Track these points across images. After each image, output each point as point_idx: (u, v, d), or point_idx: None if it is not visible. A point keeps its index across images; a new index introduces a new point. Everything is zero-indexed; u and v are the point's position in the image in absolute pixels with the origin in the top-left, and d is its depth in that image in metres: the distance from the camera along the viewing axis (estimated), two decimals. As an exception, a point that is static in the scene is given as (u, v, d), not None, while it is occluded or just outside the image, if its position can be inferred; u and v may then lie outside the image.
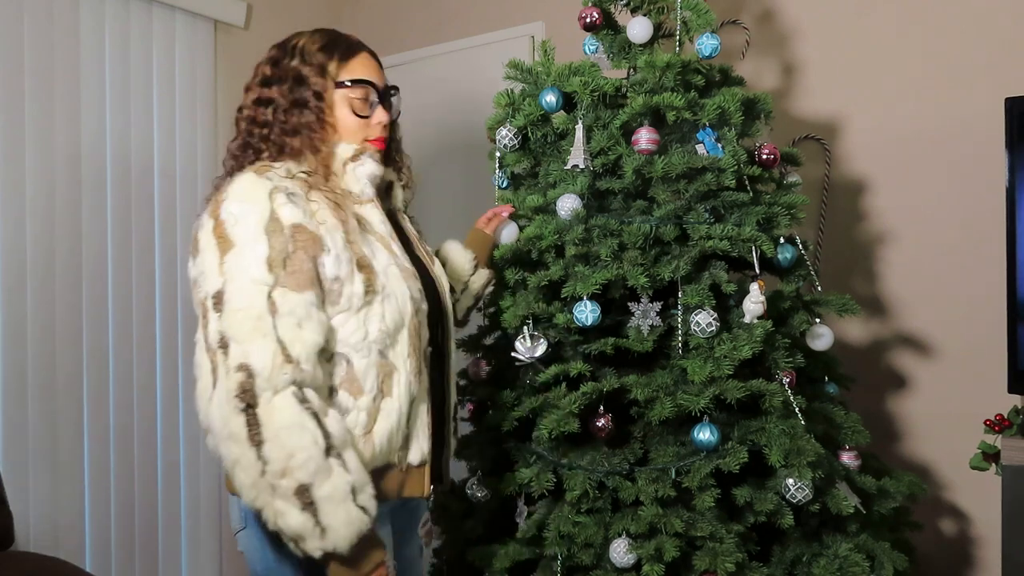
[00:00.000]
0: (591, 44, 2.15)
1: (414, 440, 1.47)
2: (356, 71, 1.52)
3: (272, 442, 1.25)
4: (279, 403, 1.27)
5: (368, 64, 1.55)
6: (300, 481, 1.25)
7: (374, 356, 1.39)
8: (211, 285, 1.32)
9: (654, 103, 1.90)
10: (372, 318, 1.39)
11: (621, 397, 1.88)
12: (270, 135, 1.49)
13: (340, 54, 1.52)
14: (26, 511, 2.39)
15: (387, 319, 1.40)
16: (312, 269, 1.34)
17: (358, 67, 1.53)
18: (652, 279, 1.86)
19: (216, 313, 1.30)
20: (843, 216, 2.55)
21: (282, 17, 3.22)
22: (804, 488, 1.76)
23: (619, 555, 1.79)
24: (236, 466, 1.27)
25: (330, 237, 1.38)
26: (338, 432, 1.32)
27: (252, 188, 1.36)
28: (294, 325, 1.30)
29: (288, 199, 1.36)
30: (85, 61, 2.56)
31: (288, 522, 1.26)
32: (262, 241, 1.32)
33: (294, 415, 1.27)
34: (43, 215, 2.45)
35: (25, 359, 2.41)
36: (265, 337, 1.28)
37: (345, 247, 1.39)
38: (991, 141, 2.24)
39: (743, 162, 1.92)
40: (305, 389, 1.30)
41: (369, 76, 1.53)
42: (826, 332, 2.00)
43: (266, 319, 1.29)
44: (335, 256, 1.37)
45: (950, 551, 2.40)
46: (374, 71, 1.55)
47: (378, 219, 1.50)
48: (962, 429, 2.28)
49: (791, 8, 2.63)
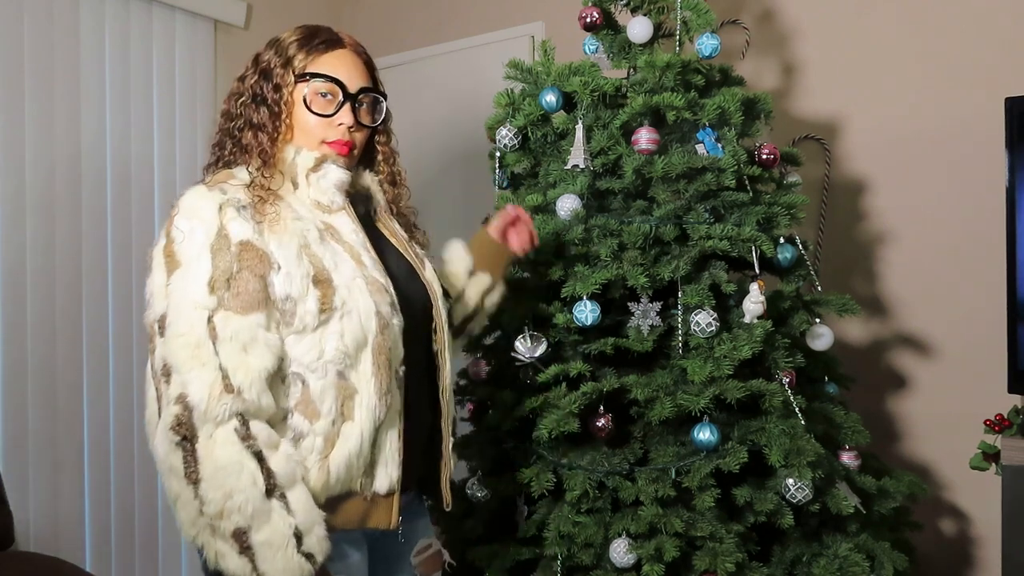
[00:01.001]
0: (591, 44, 2.15)
1: (380, 467, 1.33)
2: (324, 66, 1.38)
3: (209, 481, 1.19)
4: (219, 438, 1.20)
5: (342, 61, 1.40)
6: (237, 524, 1.19)
7: (331, 377, 1.28)
8: (157, 308, 1.26)
9: (654, 103, 1.90)
10: (329, 336, 1.28)
11: (621, 397, 1.87)
12: (233, 130, 1.40)
13: (312, 48, 1.40)
14: (26, 511, 2.39)
15: (346, 337, 1.29)
16: (260, 289, 1.25)
17: (328, 62, 1.39)
18: (652, 279, 1.86)
19: (161, 338, 1.24)
20: (843, 216, 2.55)
21: (282, 17, 3.23)
22: (804, 488, 1.76)
23: (619, 555, 1.79)
24: (176, 502, 1.22)
25: (281, 252, 1.28)
26: (284, 470, 1.23)
27: (200, 203, 1.29)
28: (238, 350, 1.22)
29: (238, 213, 1.28)
30: (85, 61, 2.56)
31: (227, 564, 1.20)
32: (205, 260, 1.24)
33: (232, 453, 1.20)
34: (43, 215, 2.45)
35: (25, 359, 2.41)
36: (204, 366, 1.21)
37: (299, 262, 1.29)
38: (991, 141, 2.24)
39: (743, 162, 1.92)
40: (250, 422, 1.22)
41: (338, 73, 1.38)
42: (826, 332, 2.00)
43: (206, 346, 1.21)
44: (285, 273, 1.27)
45: (950, 551, 2.40)
46: (349, 70, 1.40)
47: (349, 228, 1.38)
48: (962, 429, 2.28)
49: (791, 8, 2.63)
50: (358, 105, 1.41)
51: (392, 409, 1.34)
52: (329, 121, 1.38)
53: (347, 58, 1.41)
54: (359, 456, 1.30)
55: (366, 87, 1.42)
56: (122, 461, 2.66)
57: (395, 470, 1.35)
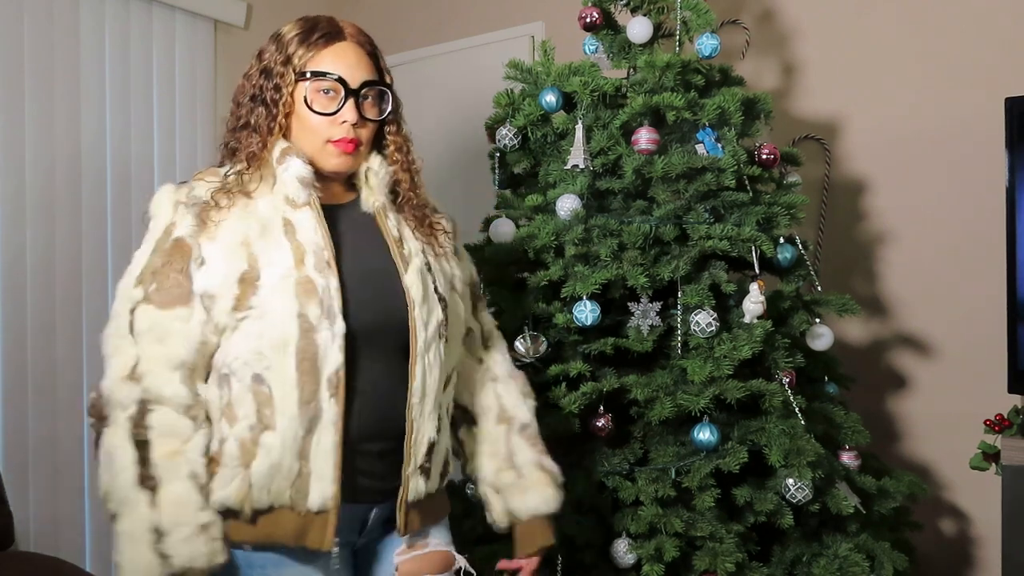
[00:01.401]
0: (591, 44, 2.15)
1: (314, 482, 1.24)
2: (324, 62, 1.33)
3: (101, 464, 1.22)
4: (112, 423, 1.21)
5: (343, 55, 1.35)
6: (110, 509, 1.20)
7: (247, 381, 1.24)
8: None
9: (654, 103, 1.90)
10: (246, 337, 1.24)
11: (621, 397, 1.87)
12: (233, 130, 1.39)
13: (312, 43, 1.35)
14: (26, 511, 2.39)
15: (264, 339, 1.23)
16: (186, 284, 1.25)
17: (328, 58, 1.34)
18: (652, 279, 1.86)
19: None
20: (843, 216, 2.55)
21: (282, 17, 3.21)
22: (804, 488, 1.76)
23: (619, 555, 1.79)
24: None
25: (211, 248, 1.26)
26: (167, 463, 1.20)
27: (162, 199, 1.31)
28: (153, 342, 1.23)
29: (189, 210, 1.28)
30: (85, 61, 2.56)
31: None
32: (146, 255, 1.28)
33: (117, 440, 1.20)
34: (43, 214, 2.45)
35: (25, 359, 2.41)
36: (120, 356, 1.24)
37: (230, 259, 1.25)
38: (991, 141, 2.24)
39: (743, 162, 1.92)
40: (152, 411, 1.21)
41: (338, 69, 1.33)
42: (826, 332, 2.00)
43: (126, 337, 1.24)
44: (207, 270, 1.26)
45: (950, 551, 2.40)
46: (350, 64, 1.34)
47: (309, 225, 1.30)
48: (962, 429, 2.28)
49: (791, 8, 2.62)
50: (362, 99, 1.35)
51: (322, 420, 1.24)
52: (333, 119, 1.33)
53: (348, 51, 1.36)
54: (281, 468, 1.23)
55: (369, 80, 1.35)
56: (122, 461, 2.66)
57: (329, 486, 1.24)
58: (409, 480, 1.33)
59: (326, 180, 1.38)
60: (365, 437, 1.29)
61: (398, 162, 1.42)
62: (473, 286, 1.56)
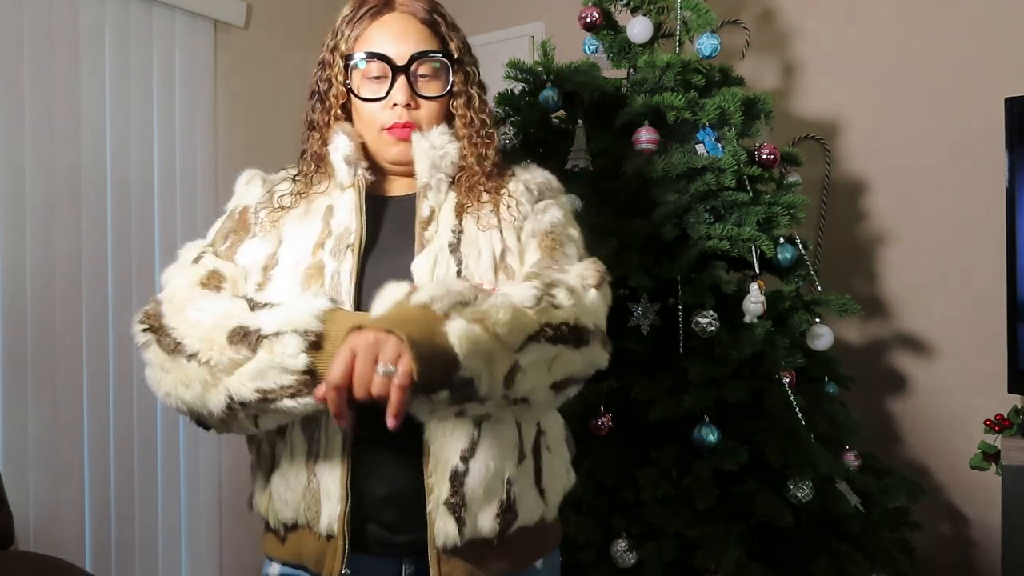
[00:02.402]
0: (591, 44, 2.15)
1: (323, 499, 1.10)
2: (368, 41, 1.18)
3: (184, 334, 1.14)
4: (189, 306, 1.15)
5: (389, 30, 1.19)
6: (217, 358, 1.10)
7: None
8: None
9: (654, 103, 1.90)
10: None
11: (621, 397, 1.87)
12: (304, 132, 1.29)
13: (358, 21, 1.20)
14: (26, 511, 2.39)
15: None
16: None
17: (373, 35, 1.18)
18: (652, 279, 1.86)
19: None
20: (843, 216, 2.55)
21: (282, 17, 3.22)
22: (804, 488, 1.76)
23: (619, 555, 1.79)
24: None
25: (261, 227, 1.21)
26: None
27: (244, 178, 1.29)
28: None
29: (263, 187, 1.25)
30: (85, 61, 2.56)
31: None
32: (218, 224, 1.27)
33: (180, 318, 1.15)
34: (43, 215, 2.45)
35: (25, 359, 2.41)
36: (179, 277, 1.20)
37: (264, 243, 1.19)
38: (991, 141, 2.24)
39: (743, 162, 1.92)
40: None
41: (382, 47, 1.17)
42: (826, 332, 2.00)
43: (187, 267, 1.21)
44: (249, 245, 1.20)
45: (950, 551, 2.40)
46: (397, 39, 1.18)
47: (347, 206, 1.19)
48: (962, 429, 2.28)
49: (791, 8, 2.63)
50: (415, 76, 1.19)
51: (322, 426, 1.10)
52: (384, 104, 1.18)
53: (396, 24, 1.20)
54: (289, 478, 1.13)
55: (419, 52, 1.18)
56: (122, 461, 2.66)
57: (336, 506, 1.09)
58: (435, 520, 1.08)
59: (393, 174, 1.24)
60: (370, 462, 1.11)
61: (464, 137, 1.23)
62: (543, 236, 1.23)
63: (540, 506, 1.17)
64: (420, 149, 1.19)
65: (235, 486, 2.93)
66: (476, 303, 1.01)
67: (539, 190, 1.26)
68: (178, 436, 2.84)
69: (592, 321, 1.13)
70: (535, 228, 1.22)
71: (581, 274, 1.17)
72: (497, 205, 1.21)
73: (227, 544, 2.96)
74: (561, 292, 1.09)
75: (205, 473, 2.89)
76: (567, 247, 1.23)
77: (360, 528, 1.12)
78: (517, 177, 1.27)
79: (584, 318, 1.11)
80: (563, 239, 1.23)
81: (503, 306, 1.01)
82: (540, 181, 1.28)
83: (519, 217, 1.21)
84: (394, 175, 1.25)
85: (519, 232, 1.21)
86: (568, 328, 1.07)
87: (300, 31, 3.29)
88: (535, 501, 1.16)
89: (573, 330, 1.08)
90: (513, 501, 1.11)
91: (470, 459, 1.08)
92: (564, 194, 1.31)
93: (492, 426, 1.09)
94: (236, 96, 3.00)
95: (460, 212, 1.19)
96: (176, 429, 2.83)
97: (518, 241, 1.20)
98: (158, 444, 2.77)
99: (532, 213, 1.23)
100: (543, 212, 1.24)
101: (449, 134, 1.21)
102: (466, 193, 1.21)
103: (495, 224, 1.19)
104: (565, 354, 1.07)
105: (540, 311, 1.05)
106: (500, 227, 1.19)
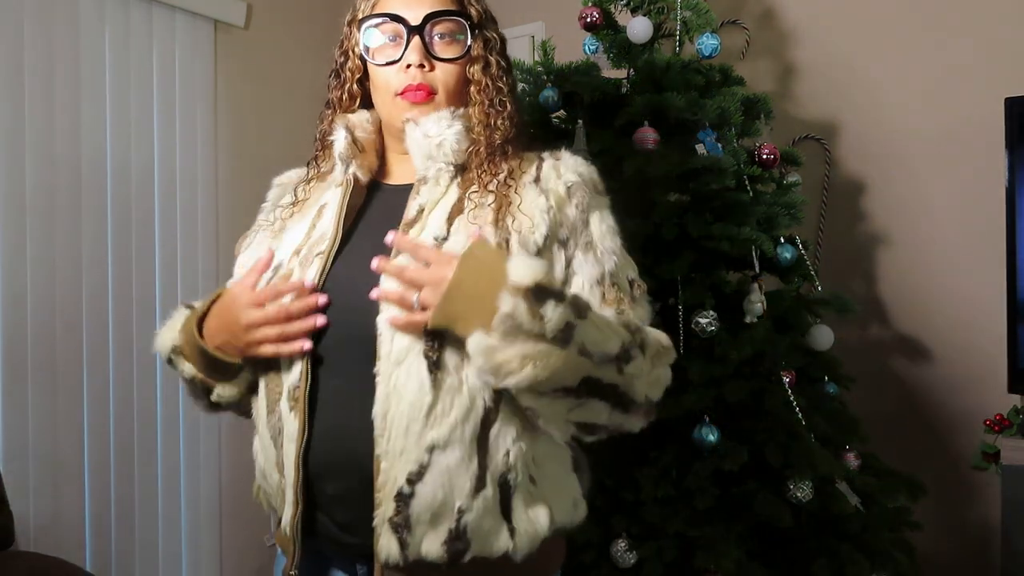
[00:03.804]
0: (591, 44, 2.15)
1: (285, 503, 1.10)
2: (383, 3, 1.14)
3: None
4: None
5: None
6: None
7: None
8: None
9: (654, 103, 1.90)
10: None
11: (621, 397, 1.87)
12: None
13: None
14: (26, 511, 2.39)
15: None
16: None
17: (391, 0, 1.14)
18: (652, 279, 1.86)
19: None
20: (843, 216, 2.55)
21: (282, 17, 3.22)
22: (804, 488, 1.76)
23: (619, 555, 1.79)
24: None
25: (262, 234, 1.23)
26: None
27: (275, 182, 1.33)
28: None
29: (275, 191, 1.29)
30: (85, 61, 2.56)
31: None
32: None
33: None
34: (43, 214, 2.45)
35: (25, 359, 2.41)
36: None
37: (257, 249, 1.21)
38: (991, 141, 2.24)
39: (743, 162, 1.93)
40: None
41: (394, 7, 1.12)
42: (826, 332, 2.00)
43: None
44: (247, 253, 1.24)
45: (950, 551, 2.40)
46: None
47: (332, 206, 1.17)
48: (962, 429, 2.28)
49: (791, 8, 2.62)
50: (432, 37, 1.13)
51: (283, 433, 1.09)
52: (399, 66, 1.12)
53: None
54: (266, 473, 1.13)
55: (436, 12, 1.13)
56: (122, 461, 2.66)
57: (290, 507, 1.09)
58: (379, 535, 1.04)
59: (404, 153, 1.17)
60: (323, 466, 1.08)
61: (476, 104, 1.16)
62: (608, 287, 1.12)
63: (507, 541, 1.06)
64: (412, 140, 1.13)
65: (235, 486, 2.93)
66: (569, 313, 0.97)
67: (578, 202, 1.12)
68: (178, 436, 2.84)
69: (646, 392, 1.07)
70: (591, 273, 1.10)
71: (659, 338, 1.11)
72: (500, 215, 1.09)
73: (227, 544, 2.96)
74: (639, 355, 1.04)
75: (205, 473, 2.89)
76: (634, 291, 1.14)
77: (313, 521, 1.11)
78: (542, 175, 1.14)
79: (639, 388, 1.05)
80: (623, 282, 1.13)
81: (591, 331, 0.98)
82: (575, 182, 1.13)
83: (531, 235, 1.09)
84: (405, 155, 1.18)
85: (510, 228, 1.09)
86: (617, 391, 1.03)
87: (300, 31, 3.29)
88: (498, 534, 1.06)
89: (622, 395, 1.04)
90: (463, 530, 1.04)
91: (416, 483, 1.02)
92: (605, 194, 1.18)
93: (444, 452, 1.03)
94: (236, 96, 3.00)
95: (455, 214, 1.10)
96: (176, 429, 2.83)
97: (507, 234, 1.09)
98: (158, 444, 2.77)
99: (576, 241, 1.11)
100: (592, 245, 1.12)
101: (449, 117, 1.13)
102: (477, 177, 1.13)
103: (496, 236, 1.08)
104: (594, 405, 1.03)
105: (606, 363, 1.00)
106: (501, 239, 1.08)
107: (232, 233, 2.99)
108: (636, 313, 1.12)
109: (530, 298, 0.95)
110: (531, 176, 1.14)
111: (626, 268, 1.15)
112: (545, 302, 0.95)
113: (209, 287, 2.90)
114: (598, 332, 0.99)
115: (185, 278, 2.81)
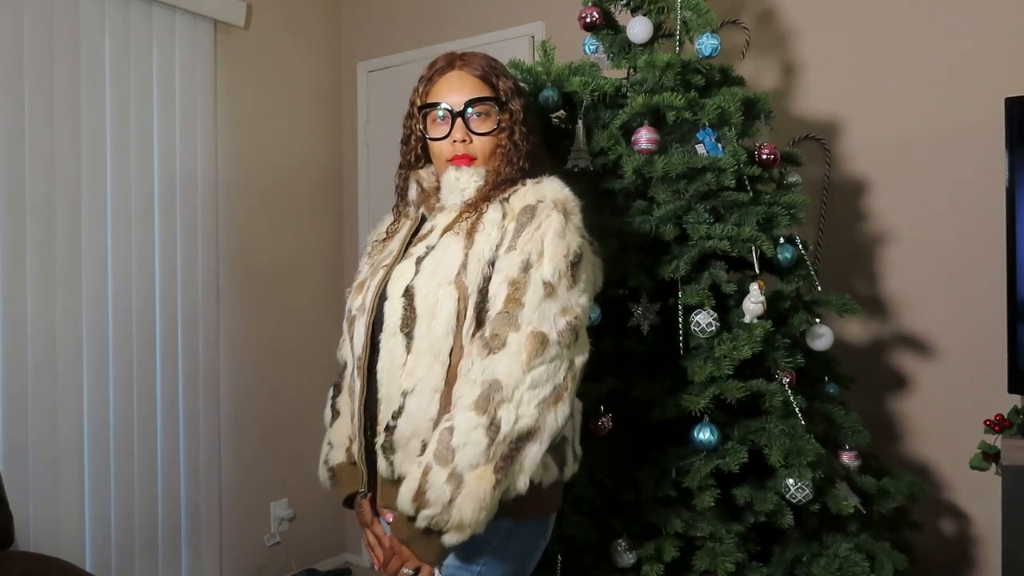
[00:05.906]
0: (591, 44, 2.15)
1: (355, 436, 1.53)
2: (435, 93, 1.51)
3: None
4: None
5: (450, 83, 1.51)
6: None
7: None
8: None
9: (654, 103, 1.90)
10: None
11: (621, 397, 1.87)
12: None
13: (429, 78, 1.54)
14: (26, 511, 2.39)
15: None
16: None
17: (439, 89, 1.51)
18: (652, 279, 1.86)
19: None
20: (843, 216, 2.55)
21: (282, 17, 3.23)
22: (804, 488, 1.76)
23: (619, 555, 1.79)
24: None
25: (364, 258, 1.62)
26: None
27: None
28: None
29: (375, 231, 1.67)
30: (85, 61, 2.57)
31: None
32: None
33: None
34: (43, 215, 2.45)
35: (25, 360, 2.41)
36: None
37: (363, 265, 1.61)
38: (991, 141, 2.24)
39: (743, 162, 1.92)
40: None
41: (442, 97, 1.50)
42: (826, 332, 2.00)
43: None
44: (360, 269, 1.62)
45: (950, 551, 2.40)
46: (453, 90, 1.50)
47: (399, 237, 1.57)
48: (962, 429, 2.28)
49: (791, 8, 2.63)
50: (471, 116, 1.49)
51: (354, 391, 1.50)
52: (448, 140, 1.49)
53: (454, 79, 1.51)
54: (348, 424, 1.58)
55: (473, 99, 1.49)
56: (122, 461, 2.66)
57: (356, 443, 1.51)
58: (378, 457, 1.44)
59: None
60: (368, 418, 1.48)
61: (499, 158, 1.52)
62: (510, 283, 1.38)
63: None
64: (447, 179, 1.51)
65: (235, 486, 2.93)
66: (449, 509, 1.28)
67: (520, 216, 1.40)
68: (178, 436, 2.84)
69: (535, 405, 1.31)
70: (507, 271, 1.36)
71: (523, 347, 1.32)
72: (473, 229, 1.43)
73: (227, 544, 2.97)
74: (504, 410, 1.29)
75: (205, 473, 2.89)
76: (528, 293, 1.35)
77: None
78: (514, 196, 1.46)
79: (524, 420, 1.30)
80: (525, 287, 1.36)
81: (467, 506, 1.27)
82: (528, 203, 1.42)
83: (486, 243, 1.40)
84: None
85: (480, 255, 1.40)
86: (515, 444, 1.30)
87: (300, 31, 3.29)
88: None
89: (521, 441, 1.30)
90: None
91: (398, 418, 1.39)
92: (561, 211, 1.41)
93: (413, 397, 1.38)
94: (236, 96, 3.00)
95: (447, 230, 1.46)
96: (176, 429, 2.83)
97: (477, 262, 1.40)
98: (158, 444, 2.77)
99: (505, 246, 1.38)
100: (518, 249, 1.38)
101: (481, 175, 1.49)
102: (474, 204, 1.46)
103: (464, 245, 1.41)
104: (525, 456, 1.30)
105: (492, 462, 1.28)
106: (467, 247, 1.40)
107: (232, 233, 3.00)
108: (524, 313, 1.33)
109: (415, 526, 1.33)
110: (506, 195, 1.46)
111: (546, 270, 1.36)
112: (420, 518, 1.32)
113: (209, 287, 2.91)
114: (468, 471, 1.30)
115: (185, 278, 2.81)
